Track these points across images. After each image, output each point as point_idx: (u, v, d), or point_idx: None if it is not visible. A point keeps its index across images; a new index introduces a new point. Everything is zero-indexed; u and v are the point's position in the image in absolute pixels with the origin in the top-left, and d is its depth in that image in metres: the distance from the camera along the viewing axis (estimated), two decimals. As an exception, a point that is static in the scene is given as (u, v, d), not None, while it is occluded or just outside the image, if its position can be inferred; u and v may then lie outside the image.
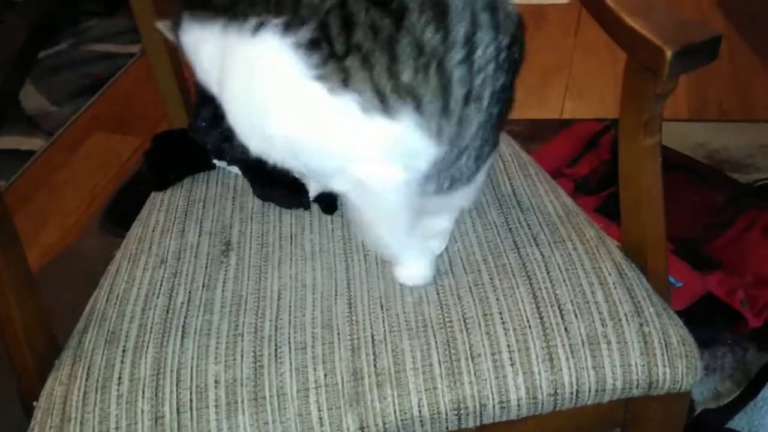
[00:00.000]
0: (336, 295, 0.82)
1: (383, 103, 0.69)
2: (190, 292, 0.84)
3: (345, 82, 0.69)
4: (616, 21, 0.75)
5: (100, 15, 2.66)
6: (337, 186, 0.80)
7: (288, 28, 0.68)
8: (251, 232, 0.91)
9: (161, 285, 0.85)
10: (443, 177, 0.77)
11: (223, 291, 0.84)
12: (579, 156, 1.72)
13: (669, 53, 0.68)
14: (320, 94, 0.69)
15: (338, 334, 0.77)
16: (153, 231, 0.94)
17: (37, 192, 1.92)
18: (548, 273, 0.81)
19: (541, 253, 0.83)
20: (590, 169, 1.68)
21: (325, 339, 0.77)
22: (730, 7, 2.39)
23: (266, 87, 0.72)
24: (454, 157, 0.75)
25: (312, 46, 0.68)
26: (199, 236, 0.92)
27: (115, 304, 0.84)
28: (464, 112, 0.71)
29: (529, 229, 0.87)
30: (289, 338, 0.77)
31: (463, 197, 0.82)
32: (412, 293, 0.81)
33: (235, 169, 1.01)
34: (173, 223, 0.95)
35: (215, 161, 1.02)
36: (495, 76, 0.71)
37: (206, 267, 0.87)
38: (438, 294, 0.81)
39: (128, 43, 2.52)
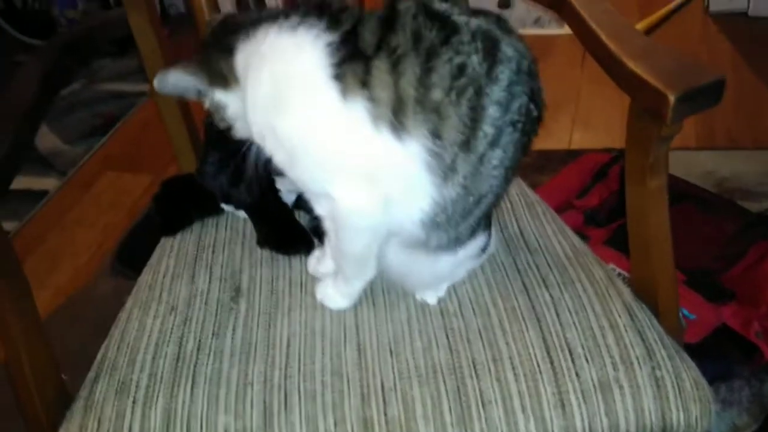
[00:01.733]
0: (345, 341, 0.82)
1: (398, 117, 0.69)
2: (200, 340, 0.84)
3: (365, 83, 0.69)
4: (617, 64, 0.76)
5: (112, 55, 2.71)
6: (319, 209, 0.80)
7: (327, 28, 0.72)
8: (261, 278, 0.91)
9: (171, 333, 0.86)
10: (449, 231, 0.76)
11: (232, 338, 0.84)
12: (588, 187, 1.72)
13: (672, 98, 0.68)
14: (332, 96, 0.70)
15: (348, 381, 0.77)
16: (163, 277, 0.94)
17: (50, 232, 1.94)
18: (558, 316, 0.80)
19: (551, 295, 0.83)
20: (600, 201, 1.68)
21: (334, 387, 0.77)
22: (737, 34, 2.40)
23: (287, 77, 0.73)
24: (471, 205, 0.74)
25: (341, 43, 0.70)
26: (209, 282, 0.92)
27: (126, 352, 0.84)
28: (488, 153, 0.71)
29: (538, 270, 0.87)
30: (299, 386, 0.77)
31: (450, 265, 0.82)
32: (422, 337, 0.81)
33: (242, 214, 1.02)
34: (183, 269, 0.95)
35: (223, 205, 1.03)
36: (519, 137, 0.72)
37: (216, 314, 0.87)
38: (447, 338, 0.81)
39: (140, 81, 2.55)
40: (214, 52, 0.79)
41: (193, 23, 1.07)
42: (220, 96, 0.80)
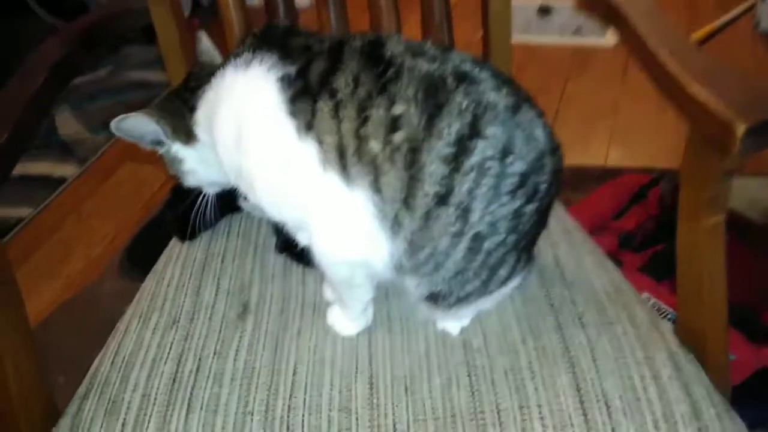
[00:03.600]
0: (356, 373, 0.75)
1: (343, 164, 0.66)
2: (200, 359, 0.78)
3: (309, 124, 0.66)
4: (677, 87, 0.67)
5: (140, 42, 2.67)
6: (301, 240, 0.77)
7: (279, 62, 0.69)
8: (272, 295, 0.85)
9: (170, 349, 0.79)
10: (437, 285, 0.71)
11: (235, 360, 0.77)
12: (625, 209, 1.63)
13: (740, 129, 0.60)
14: (289, 133, 0.67)
15: (357, 419, 0.70)
16: (167, 286, 0.88)
17: (65, 221, 1.89)
18: (594, 361, 0.72)
19: (587, 337, 0.75)
20: (636, 224, 1.59)
21: (342, 425, 0.70)
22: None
23: (245, 117, 0.70)
24: (425, 260, 0.69)
25: (293, 79, 0.67)
26: (216, 295, 0.86)
27: (120, 367, 0.78)
28: (436, 212, 0.65)
29: (574, 306, 0.79)
30: (303, 421, 0.70)
31: (474, 310, 0.77)
32: (440, 373, 0.74)
33: (261, 213, 0.95)
34: (189, 279, 0.89)
35: (242, 203, 0.96)
36: (494, 194, 0.65)
37: (220, 331, 0.81)
38: (469, 376, 0.73)
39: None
40: (179, 106, 0.79)
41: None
42: (178, 148, 0.80)
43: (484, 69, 0.67)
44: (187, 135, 0.79)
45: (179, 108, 0.79)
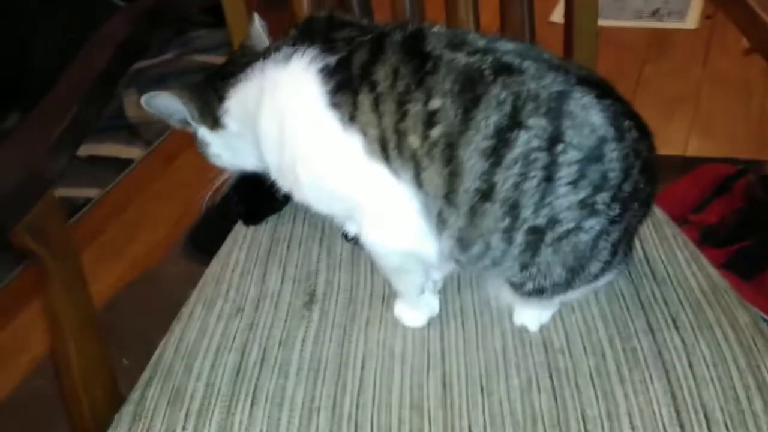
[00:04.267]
0: (428, 370, 0.70)
1: (387, 158, 0.64)
2: (265, 349, 0.75)
3: (352, 116, 0.64)
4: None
5: (208, 26, 2.67)
6: (351, 230, 0.75)
7: (320, 54, 0.67)
8: (339, 284, 0.81)
9: (235, 338, 0.76)
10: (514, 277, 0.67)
11: (301, 352, 0.74)
12: (707, 201, 1.54)
13: None
14: (333, 125, 0.65)
15: (429, 419, 0.66)
16: (232, 272, 0.85)
17: (131, 202, 1.90)
18: (691, 367, 0.66)
19: (682, 340, 0.69)
20: (719, 218, 1.50)
21: (413, 425, 0.65)
22: None
23: (289, 109, 0.69)
24: (480, 255, 0.65)
25: (333, 70, 0.66)
26: (282, 283, 0.82)
27: (184, 355, 0.76)
28: (481, 208, 0.62)
29: (666, 306, 0.72)
30: (372, 419, 0.66)
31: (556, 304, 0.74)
32: (519, 374, 0.69)
33: None
34: (254, 265, 0.86)
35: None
36: (548, 187, 0.61)
37: (286, 320, 0.77)
38: (551, 379, 0.68)
39: (232, 55, 2.50)
40: (210, 92, 0.76)
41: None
42: (204, 132, 0.78)
43: (529, 58, 0.63)
44: (214, 121, 0.76)
45: (209, 94, 0.76)
